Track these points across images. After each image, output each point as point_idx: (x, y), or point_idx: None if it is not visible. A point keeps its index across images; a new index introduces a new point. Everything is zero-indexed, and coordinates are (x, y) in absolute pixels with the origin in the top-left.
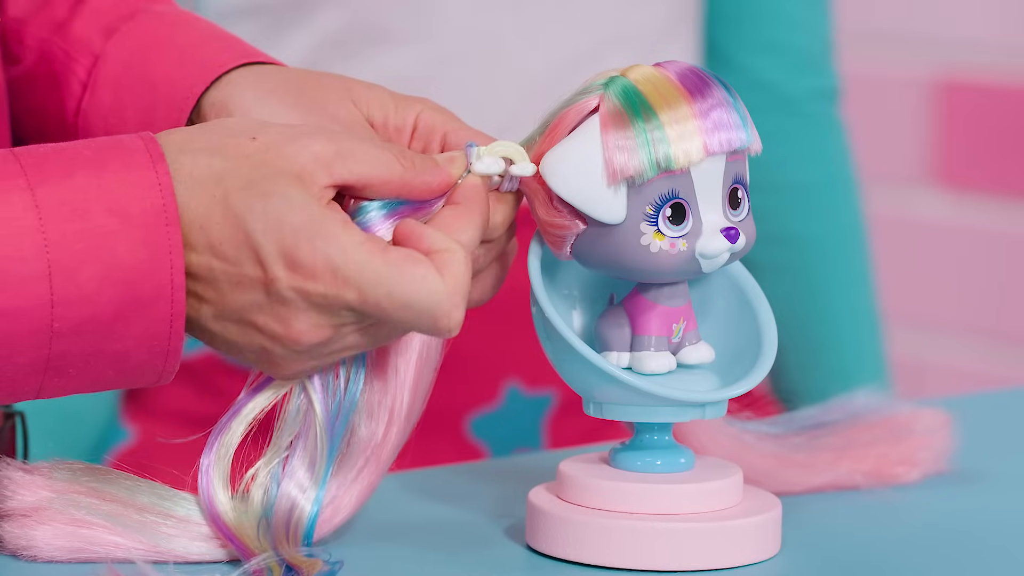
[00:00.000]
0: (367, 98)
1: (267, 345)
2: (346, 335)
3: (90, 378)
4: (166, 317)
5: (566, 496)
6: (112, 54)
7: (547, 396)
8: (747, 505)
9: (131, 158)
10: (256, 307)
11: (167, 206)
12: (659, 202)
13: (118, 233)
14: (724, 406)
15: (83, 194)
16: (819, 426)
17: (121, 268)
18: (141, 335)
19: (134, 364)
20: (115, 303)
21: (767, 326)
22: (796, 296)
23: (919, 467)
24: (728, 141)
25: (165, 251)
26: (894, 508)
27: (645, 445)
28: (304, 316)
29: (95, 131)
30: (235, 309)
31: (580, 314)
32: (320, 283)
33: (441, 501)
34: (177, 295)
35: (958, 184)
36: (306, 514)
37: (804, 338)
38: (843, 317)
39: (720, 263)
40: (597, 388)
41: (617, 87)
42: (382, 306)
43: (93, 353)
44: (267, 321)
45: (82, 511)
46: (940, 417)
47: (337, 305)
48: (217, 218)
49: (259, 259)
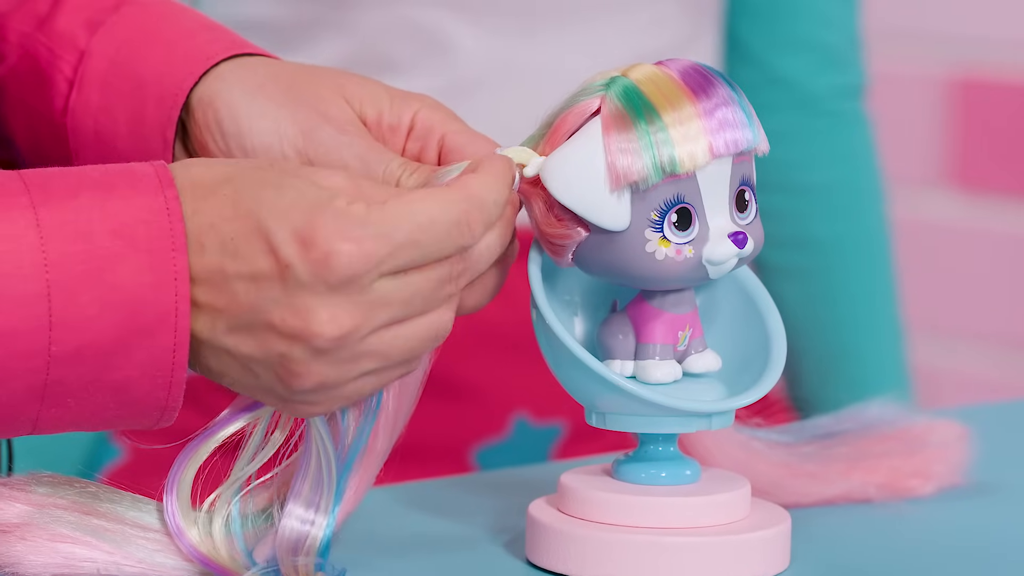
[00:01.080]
0: (360, 94)
1: (285, 350)
2: (376, 317)
3: (90, 410)
4: (169, 346)
5: (567, 509)
6: (98, 50)
7: (556, 427)
8: (755, 518)
9: (139, 182)
10: (272, 303)
11: (175, 231)
12: (664, 207)
13: (122, 256)
14: (731, 416)
15: (87, 215)
16: (831, 436)
17: (124, 292)
18: (143, 364)
19: (136, 396)
20: (116, 328)
21: (776, 333)
22: (816, 301)
23: (934, 480)
24: (734, 142)
25: (170, 277)
26: (908, 522)
27: (649, 456)
28: (324, 303)
29: (84, 130)
30: (249, 310)
31: (582, 321)
32: (343, 256)
33: (439, 514)
34: (181, 322)
35: (974, 186)
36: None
37: (823, 345)
38: (865, 324)
39: (728, 269)
40: (600, 398)
41: (618, 88)
42: (413, 238)
43: (93, 381)
44: (284, 316)
45: (65, 526)
46: (955, 428)
47: (365, 273)
48: (228, 215)
49: (271, 247)
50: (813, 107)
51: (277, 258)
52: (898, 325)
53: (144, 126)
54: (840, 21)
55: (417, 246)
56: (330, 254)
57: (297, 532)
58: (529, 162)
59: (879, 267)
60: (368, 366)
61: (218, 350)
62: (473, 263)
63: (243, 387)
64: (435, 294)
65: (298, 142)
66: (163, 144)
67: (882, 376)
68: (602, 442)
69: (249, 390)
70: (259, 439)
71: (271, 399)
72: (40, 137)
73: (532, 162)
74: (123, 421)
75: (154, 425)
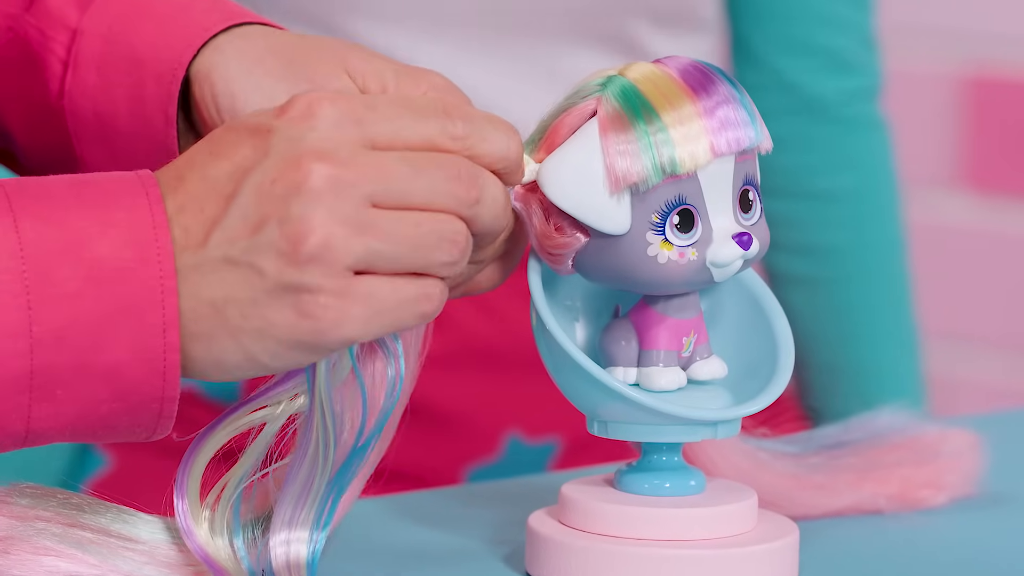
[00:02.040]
0: (364, 69)
1: (282, 211)
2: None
3: (84, 404)
4: (158, 324)
5: (568, 521)
6: (90, 28)
7: (550, 444)
8: (762, 530)
9: (119, 177)
10: (260, 174)
11: (155, 212)
12: (665, 209)
13: (99, 235)
14: (737, 425)
15: (61, 200)
16: (840, 445)
17: (103, 268)
18: (132, 346)
19: (130, 383)
20: (99, 305)
21: (784, 338)
22: (826, 310)
23: (946, 490)
24: (736, 140)
25: (153, 254)
26: (919, 534)
27: (653, 466)
28: (313, 148)
29: (83, 112)
30: (235, 193)
31: (583, 327)
32: (324, 107)
33: (437, 526)
34: (169, 300)
35: (988, 187)
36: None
37: (834, 356)
38: (878, 335)
39: (733, 271)
40: (602, 406)
41: (615, 87)
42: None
43: (82, 367)
44: (273, 176)
45: (49, 539)
46: (968, 437)
47: (349, 127)
48: (218, 133)
49: (256, 125)
50: (821, 112)
51: (258, 133)
52: (913, 335)
53: (145, 104)
54: (849, 23)
55: (399, 115)
56: (311, 104)
57: (286, 547)
58: (525, 168)
59: (894, 275)
60: (375, 242)
61: (211, 266)
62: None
63: (250, 304)
64: (439, 181)
65: None
66: (165, 121)
67: (896, 387)
68: (599, 456)
69: (257, 306)
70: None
71: (281, 305)
72: (37, 123)
73: (528, 168)
74: (121, 419)
75: (154, 425)
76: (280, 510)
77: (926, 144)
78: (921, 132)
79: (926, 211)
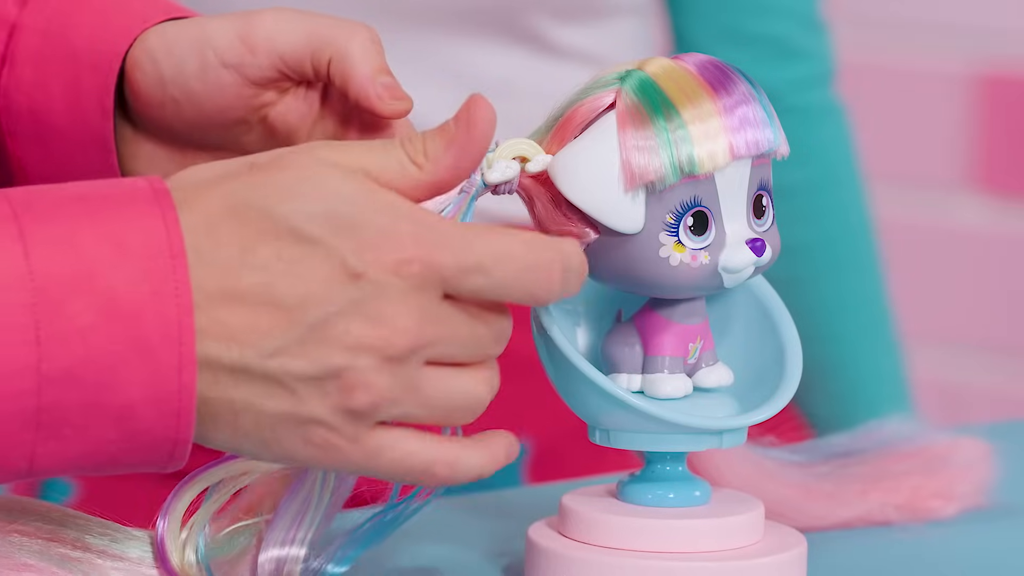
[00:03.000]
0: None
1: (348, 362)
2: (438, 337)
3: (92, 444)
4: (173, 365)
5: (569, 532)
6: (29, 23)
7: (521, 445)
8: (769, 542)
9: (135, 192)
10: (336, 315)
11: (172, 238)
12: (680, 210)
13: (113, 263)
14: (743, 434)
15: (73, 223)
16: (848, 455)
17: (118, 302)
18: (145, 385)
19: (141, 426)
20: (113, 342)
21: (791, 346)
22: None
23: (957, 501)
24: (756, 142)
25: (170, 287)
26: (929, 545)
27: (657, 476)
28: (400, 309)
29: (19, 109)
30: (299, 326)
31: (585, 331)
32: (415, 264)
33: (433, 538)
34: (186, 337)
35: (1000, 189)
36: None
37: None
38: (851, 334)
39: (744, 278)
40: (604, 414)
41: (634, 81)
42: (482, 263)
43: (91, 406)
44: (352, 326)
45: (30, 555)
46: (979, 446)
47: (433, 285)
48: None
49: (342, 259)
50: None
51: (343, 266)
52: (891, 332)
53: (81, 97)
54: (790, 7)
55: (485, 274)
56: (400, 265)
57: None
58: (533, 157)
59: (865, 271)
60: (413, 407)
61: (245, 371)
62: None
63: (269, 419)
64: (485, 345)
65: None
66: (102, 114)
67: (877, 386)
68: (576, 458)
69: (274, 424)
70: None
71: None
72: None
73: (537, 158)
74: (130, 457)
75: (166, 464)
76: (275, 528)
77: (936, 144)
78: (931, 132)
79: (936, 214)
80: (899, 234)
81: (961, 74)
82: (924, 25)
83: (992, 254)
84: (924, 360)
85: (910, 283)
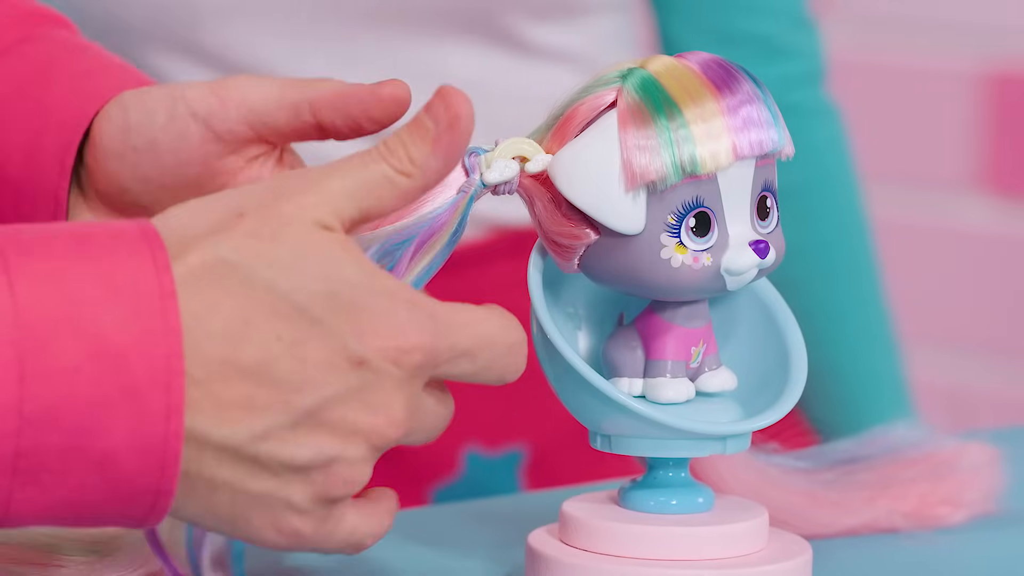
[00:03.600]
0: None
1: (338, 451)
2: (413, 426)
3: (71, 491)
4: (160, 411)
5: (570, 540)
6: (1, 74)
7: (515, 453)
8: (773, 550)
9: (121, 234)
10: (334, 400)
11: (162, 279)
12: (682, 211)
13: (101, 301)
14: (747, 439)
15: (61, 261)
16: (854, 461)
17: (105, 341)
18: (130, 432)
19: (124, 473)
20: (98, 383)
21: (796, 350)
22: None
23: (965, 508)
24: (760, 143)
25: (159, 328)
26: (937, 553)
27: (659, 483)
28: (395, 398)
29: None
30: (294, 409)
31: (586, 335)
32: (417, 353)
33: (430, 545)
34: (175, 382)
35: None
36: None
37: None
38: (850, 336)
39: (747, 280)
40: (605, 419)
41: (636, 79)
42: (471, 348)
43: (72, 450)
44: (348, 413)
45: None
46: (988, 452)
47: (426, 372)
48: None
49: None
50: None
51: (345, 350)
52: (889, 333)
53: (41, 151)
54: (775, 5)
55: (472, 359)
56: (400, 355)
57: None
58: (533, 157)
59: (861, 272)
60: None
61: (230, 449)
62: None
63: (245, 499)
64: (440, 430)
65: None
66: (59, 171)
67: (877, 389)
68: (573, 461)
69: (250, 505)
70: None
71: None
72: None
73: (536, 157)
74: (111, 507)
75: (147, 516)
76: None
77: (945, 145)
78: (937, 132)
79: (945, 215)
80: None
81: (968, 73)
82: (931, 24)
83: (1000, 256)
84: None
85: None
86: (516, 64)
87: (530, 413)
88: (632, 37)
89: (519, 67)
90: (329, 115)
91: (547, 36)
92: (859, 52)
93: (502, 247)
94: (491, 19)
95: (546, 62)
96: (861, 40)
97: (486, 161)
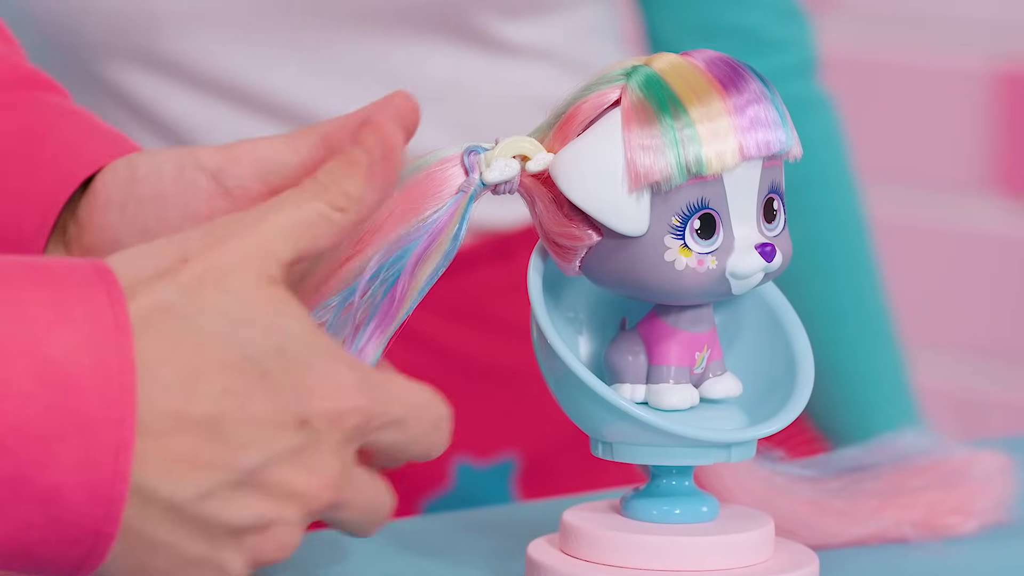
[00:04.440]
0: None
1: (278, 514)
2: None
3: (12, 525)
4: (110, 446)
5: (571, 550)
6: (5, 124)
7: (507, 462)
8: (779, 560)
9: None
10: (276, 461)
11: (117, 312)
12: (687, 212)
13: (55, 326)
14: (752, 447)
15: (14, 287)
16: (862, 469)
17: (58, 368)
18: (77, 465)
19: (68, 510)
20: (50, 410)
21: (803, 355)
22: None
23: (976, 517)
24: (767, 143)
25: (115, 364)
26: (947, 563)
27: (662, 491)
28: (331, 461)
29: None
30: (237, 468)
31: (587, 340)
32: (354, 415)
33: (428, 555)
34: (127, 417)
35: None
36: None
37: None
38: (851, 337)
39: (752, 284)
40: (607, 426)
41: (640, 77)
42: (402, 417)
43: (18, 479)
44: (290, 475)
45: None
46: (999, 460)
47: (359, 437)
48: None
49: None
50: None
51: (288, 410)
52: (890, 333)
53: (24, 204)
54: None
55: (402, 428)
56: (347, 411)
57: None
58: (534, 156)
59: (861, 271)
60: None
61: (173, 509)
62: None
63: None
64: (377, 521)
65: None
66: (40, 223)
67: (880, 391)
68: (571, 470)
69: (187, 567)
70: None
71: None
72: None
73: (538, 156)
74: (46, 551)
75: (79, 566)
76: None
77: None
78: (946, 132)
79: (953, 217)
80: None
81: (979, 72)
82: (940, 21)
83: (1012, 259)
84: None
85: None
86: (490, 62)
87: (521, 421)
88: (613, 30)
89: (493, 65)
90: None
91: (520, 33)
92: (868, 50)
93: (487, 252)
94: (462, 18)
95: (521, 59)
96: (869, 38)
97: (486, 160)
